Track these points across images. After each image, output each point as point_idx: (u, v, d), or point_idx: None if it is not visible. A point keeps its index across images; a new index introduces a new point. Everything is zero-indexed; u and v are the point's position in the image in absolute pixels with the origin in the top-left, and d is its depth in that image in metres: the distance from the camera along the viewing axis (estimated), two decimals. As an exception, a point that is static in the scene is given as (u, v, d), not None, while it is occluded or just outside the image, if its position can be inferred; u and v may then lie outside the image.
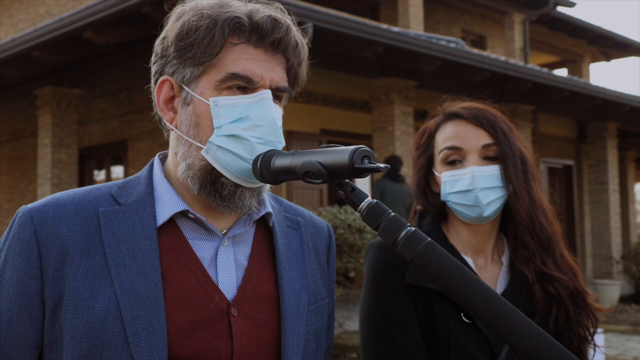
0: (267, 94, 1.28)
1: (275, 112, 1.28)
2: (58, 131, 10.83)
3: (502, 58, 12.59)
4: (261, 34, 1.27)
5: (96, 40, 8.88)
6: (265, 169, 1.21)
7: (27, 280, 1.22)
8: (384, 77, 10.88)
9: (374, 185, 11.71)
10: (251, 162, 1.24)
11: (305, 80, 1.39)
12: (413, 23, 14.51)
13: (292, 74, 1.35)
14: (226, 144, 1.25)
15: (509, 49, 17.37)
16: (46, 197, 1.31)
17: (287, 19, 1.31)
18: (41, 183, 10.88)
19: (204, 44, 1.25)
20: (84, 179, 12.99)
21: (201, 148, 1.27)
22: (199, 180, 1.29)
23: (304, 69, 1.36)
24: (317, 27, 8.57)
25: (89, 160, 13.34)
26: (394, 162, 9.42)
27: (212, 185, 1.28)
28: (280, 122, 1.30)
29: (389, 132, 10.83)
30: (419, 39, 10.40)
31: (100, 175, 13.46)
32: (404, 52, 10.09)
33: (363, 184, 13.07)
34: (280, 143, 1.28)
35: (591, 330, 1.74)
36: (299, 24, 1.37)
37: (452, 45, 11.23)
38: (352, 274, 7.71)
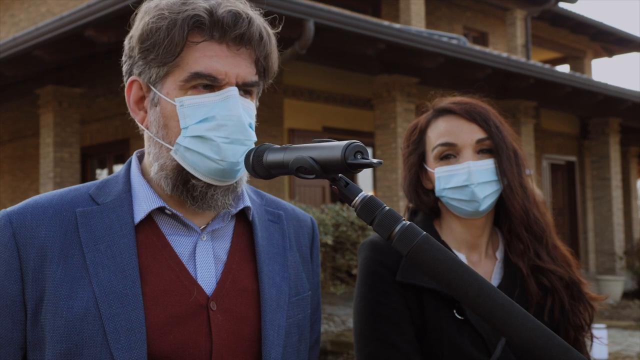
0: (233, 91, 1.26)
1: (241, 110, 1.26)
2: (60, 130, 10.82)
3: (504, 54, 12.57)
4: (223, 30, 1.25)
5: (97, 38, 8.86)
6: (257, 163, 1.20)
7: (8, 282, 1.23)
8: (386, 74, 10.86)
9: None
10: (219, 162, 1.24)
11: (276, 71, 1.36)
12: (415, 20, 14.48)
13: (260, 67, 1.32)
14: (193, 145, 1.24)
15: (510, 46, 17.33)
16: (26, 200, 1.32)
17: (249, 12, 1.28)
18: (43, 182, 10.88)
19: (165, 45, 1.24)
20: (86, 177, 12.99)
21: (170, 149, 1.27)
22: (172, 181, 1.29)
23: (273, 61, 1.33)
24: (318, 25, 8.57)
25: (91, 159, 13.34)
26: None
27: (183, 185, 1.29)
28: (249, 119, 1.28)
29: (391, 129, 10.82)
30: (420, 35, 10.38)
31: (102, 174, 13.46)
32: (406, 49, 10.08)
33: (364, 180, 13.06)
34: (249, 140, 1.26)
35: (588, 319, 1.73)
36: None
37: (454, 41, 11.21)
38: (354, 271, 7.70)
